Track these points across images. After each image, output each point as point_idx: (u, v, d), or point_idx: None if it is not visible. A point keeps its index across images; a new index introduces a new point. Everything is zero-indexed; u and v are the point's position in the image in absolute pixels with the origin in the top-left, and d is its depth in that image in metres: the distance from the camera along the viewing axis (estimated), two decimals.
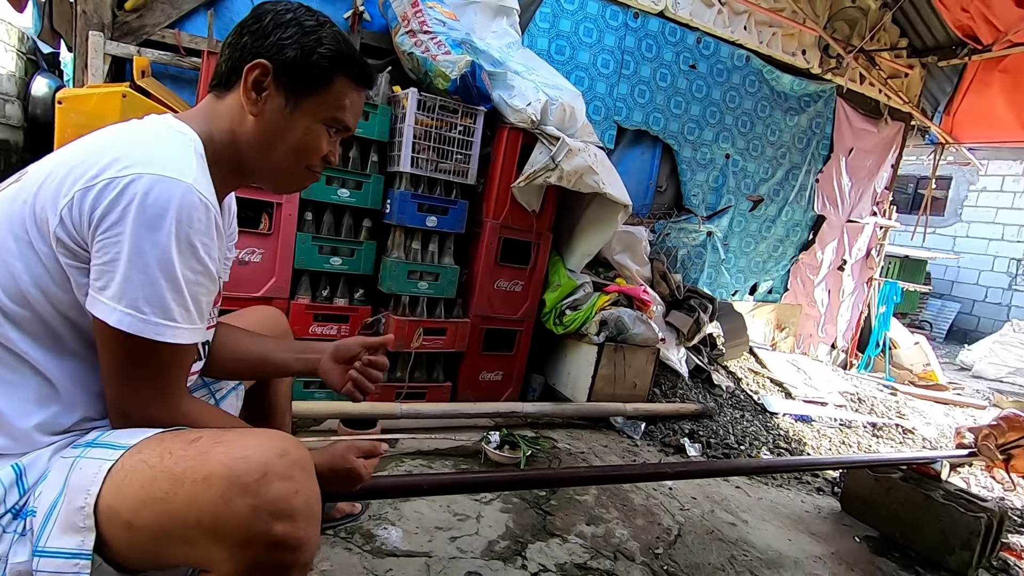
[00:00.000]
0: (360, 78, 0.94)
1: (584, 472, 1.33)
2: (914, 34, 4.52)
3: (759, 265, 4.45)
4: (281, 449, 0.72)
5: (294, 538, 0.69)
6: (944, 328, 9.00)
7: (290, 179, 0.98)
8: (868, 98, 4.55)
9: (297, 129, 0.91)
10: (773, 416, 3.33)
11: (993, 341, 6.53)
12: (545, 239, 2.80)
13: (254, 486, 0.68)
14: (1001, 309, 8.80)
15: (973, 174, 9.16)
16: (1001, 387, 5.66)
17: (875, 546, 2.12)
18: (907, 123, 4.85)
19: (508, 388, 2.87)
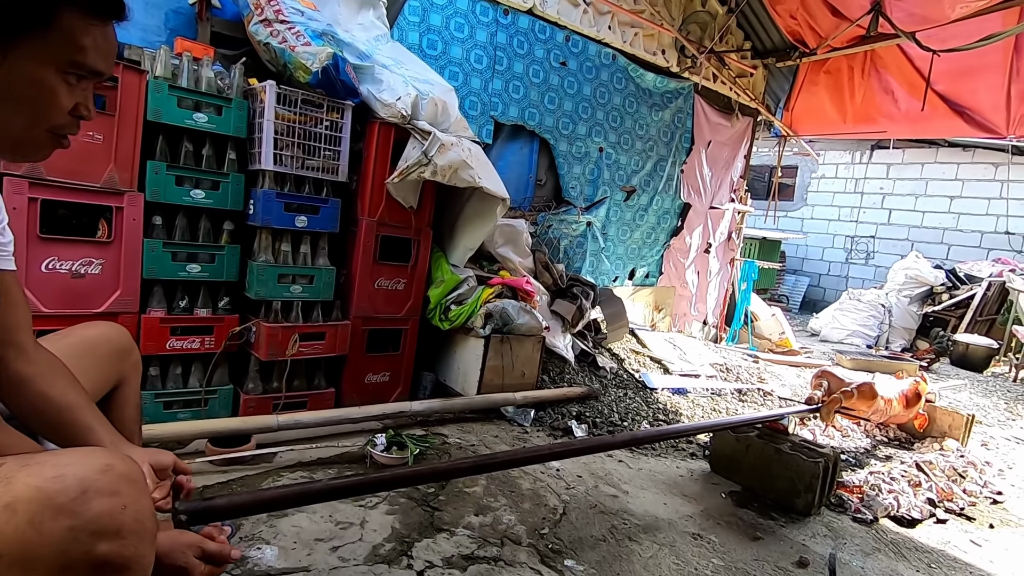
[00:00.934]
0: (97, 5, 0.77)
1: (462, 463, 1.34)
2: (756, 38, 5.03)
3: (635, 252, 4.74)
4: (103, 464, 0.66)
5: (121, 556, 0.64)
6: (798, 300, 10.16)
7: (29, 146, 0.81)
8: (721, 95, 5.00)
9: (19, 82, 0.75)
10: (653, 391, 3.57)
11: (835, 309, 7.48)
12: (425, 235, 2.78)
13: (70, 505, 0.62)
14: (841, 280, 10.09)
15: (813, 163, 10.40)
16: (842, 348, 6.50)
17: (738, 499, 2.34)
18: (755, 118, 5.40)
19: (397, 388, 2.82)
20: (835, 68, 4.92)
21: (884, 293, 7.32)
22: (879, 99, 4.83)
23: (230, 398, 2.35)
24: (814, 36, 4.55)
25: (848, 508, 2.36)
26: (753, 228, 8.54)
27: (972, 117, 4.58)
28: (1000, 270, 7.05)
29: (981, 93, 4.41)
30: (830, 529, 2.18)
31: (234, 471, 1.98)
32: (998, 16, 3.57)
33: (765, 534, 2.07)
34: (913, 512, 2.38)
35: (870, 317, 7.06)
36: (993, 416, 4.31)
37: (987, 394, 5.03)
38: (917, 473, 2.73)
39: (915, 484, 2.62)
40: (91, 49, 0.78)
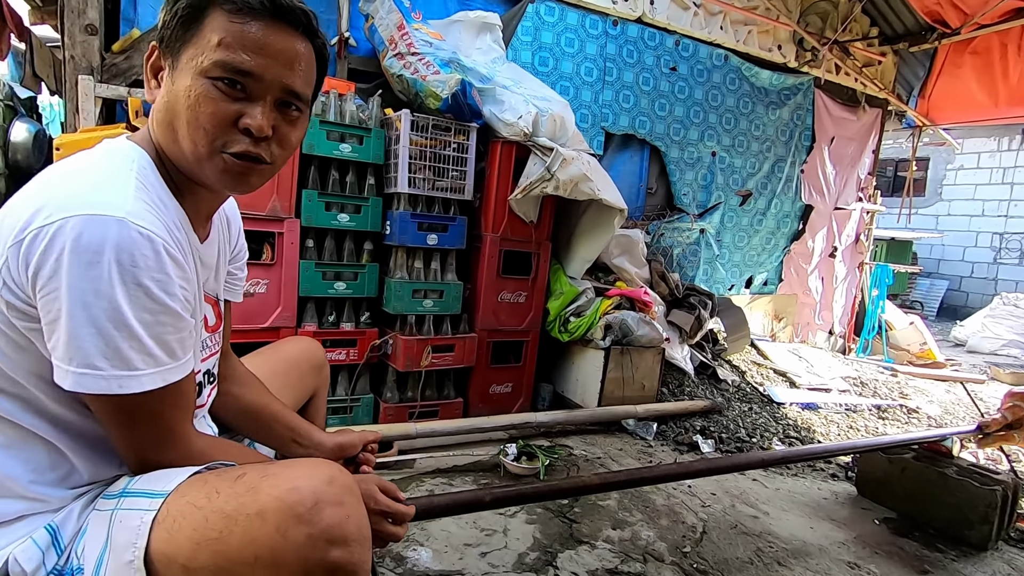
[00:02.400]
0: (242, 2, 0.72)
1: (612, 477, 1.34)
2: (884, 22, 4.63)
3: (753, 258, 4.51)
4: (328, 476, 0.71)
5: (350, 563, 0.69)
6: (935, 306, 9.13)
7: (213, 169, 0.76)
8: (845, 87, 4.65)
9: (179, 97, 0.73)
10: (780, 406, 3.36)
11: (984, 315, 6.64)
12: (545, 249, 2.83)
13: (307, 515, 0.67)
14: (988, 283, 8.95)
15: (950, 153, 9.34)
16: (996, 360, 5.75)
17: (895, 527, 2.14)
18: (884, 109, 4.96)
19: (519, 399, 2.88)
20: (983, 47, 4.40)
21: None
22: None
23: (371, 406, 2.52)
24: (957, 14, 4.11)
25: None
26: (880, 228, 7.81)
27: None
28: None
29: None
30: (1014, 568, 1.93)
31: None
32: None
33: (935, 568, 1.88)
34: None
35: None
36: None
37: None
38: None
39: None
40: (230, 46, 0.72)
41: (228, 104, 0.73)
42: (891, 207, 6.34)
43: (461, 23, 2.81)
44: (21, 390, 0.73)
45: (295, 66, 0.76)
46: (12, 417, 0.73)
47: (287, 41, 0.75)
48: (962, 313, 8.29)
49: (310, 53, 0.79)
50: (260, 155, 0.77)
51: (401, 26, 2.57)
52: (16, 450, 0.74)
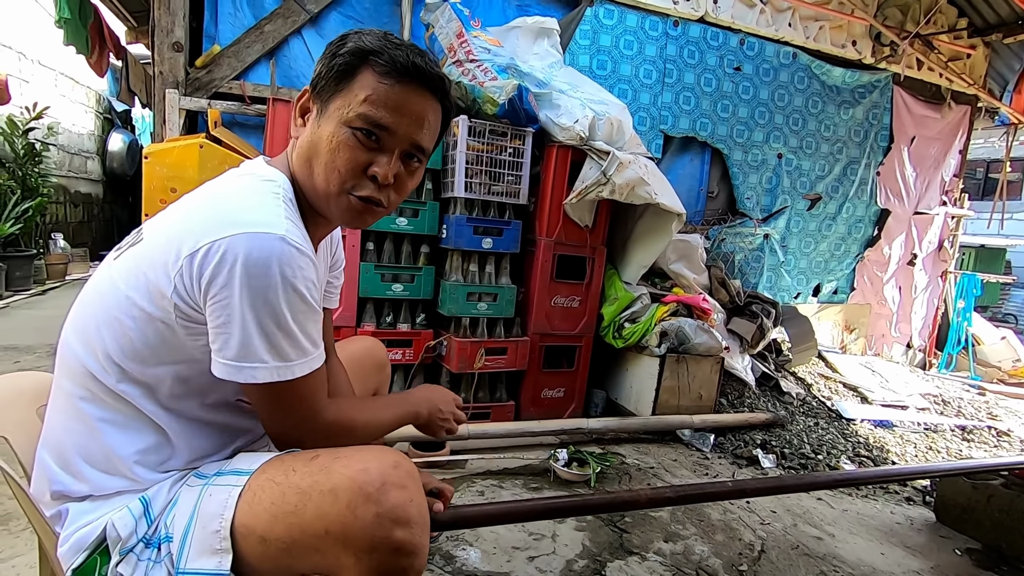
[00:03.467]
0: (391, 66, 0.80)
1: (660, 494, 1.30)
2: (974, 12, 4.30)
3: (821, 265, 4.28)
4: (394, 461, 0.76)
5: (411, 544, 0.73)
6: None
7: (338, 206, 0.85)
8: (928, 83, 4.35)
9: (323, 139, 0.82)
10: (850, 423, 3.17)
11: None
12: (599, 253, 2.80)
13: (376, 495, 0.72)
14: None
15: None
16: None
17: (979, 559, 1.98)
18: (973, 105, 4.59)
19: (571, 404, 2.86)
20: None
21: None
22: None
23: None
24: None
25: None
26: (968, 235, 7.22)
27: None
28: None
29: None
30: None
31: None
32: None
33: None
34: None
35: None
36: None
37: None
38: None
39: None
40: (375, 103, 0.80)
41: (362, 152, 0.83)
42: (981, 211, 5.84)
43: (519, 29, 2.83)
44: (151, 378, 0.81)
45: (424, 124, 0.86)
46: (135, 401, 0.81)
47: (422, 103, 0.84)
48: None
49: (438, 113, 0.88)
50: (380, 200, 0.86)
51: (460, 34, 2.62)
52: (131, 432, 0.83)
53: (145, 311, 0.78)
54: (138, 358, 0.80)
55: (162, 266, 0.76)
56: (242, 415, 0.93)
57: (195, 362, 0.81)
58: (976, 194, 8.72)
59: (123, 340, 0.79)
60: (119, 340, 0.79)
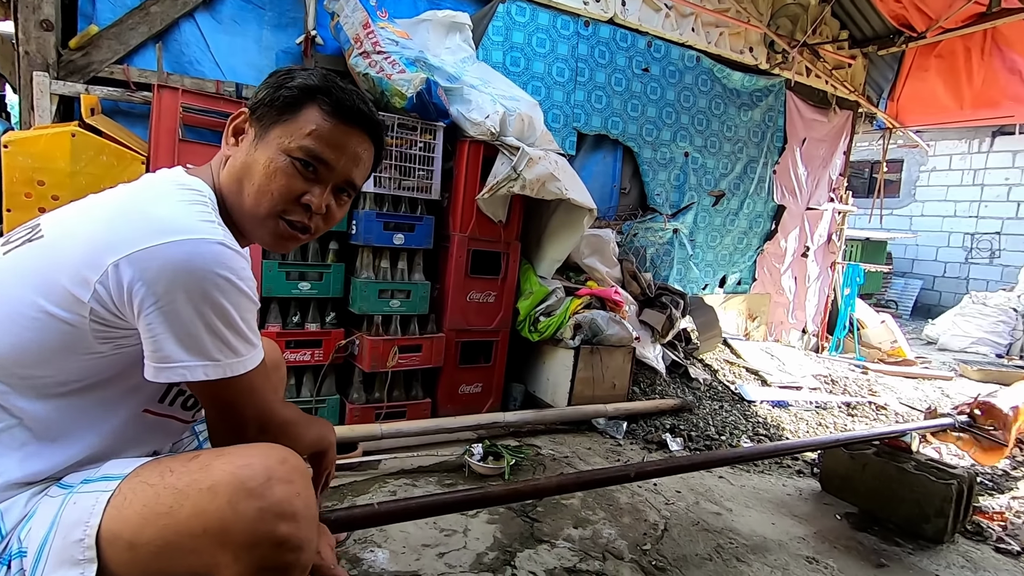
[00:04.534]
0: (337, 107, 0.87)
1: (568, 480, 1.34)
2: (853, 26, 4.70)
3: (726, 258, 4.55)
4: (281, 457, 0.76)
5: (297, 538, 0.73)
6: (909, 305, 9.30)
7: (264, 228, 0.89)
8: (816, 89, 4.72)
9: (259, 163, 0.86)
10: (751, 404, 3.39)
11: (955, 314, 6.78)
12: (514, 248, 2.83)
13: (259, 489, 0.71)
14: (960, 283, 9.13)
15: (923, 155, 9.52)
16: (965, 357, 5.87)
17: (855, 522, 2.17)
18: (855, 111, 5.04)
19: (488, 399, 2.87)
20: (948, 51, 4.50)
21: (1016, 296, 6.54)
22: (1003, 80, 4.35)
23: (337, 407, 2.50)
24: (922, 18, 4.19)
25: (988, 537, 2.12)
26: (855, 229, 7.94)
27: None
28: None
29: None
30: (968, 560, 1.97)
31: (344, 476, 2.10)
32: None
33: (891, 561, 1.91)
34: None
35: (999, 323, 6.32)
36: None
37: None
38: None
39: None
40: (321, 139, 0.87)
41: (298, 181, 0.88)
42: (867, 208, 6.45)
43: (429, 22, 2.80)
44: (47, 383, 0.79)
45: (360, 163, 0.94)
46: (14, 403, 0.78)
47: (360, 144, 0.92)
48: (935, 312, 8.45)
49: (371, 154, 0.97)
50: (309, 226, 0.91)
51: (367, 24, 2.55)
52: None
53: (49, 312, 0.76)
54: (26, 358, 0.76)
55: (78, 271, 0.75)
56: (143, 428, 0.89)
57: (97, 365, 0.80)
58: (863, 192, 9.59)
59: (12, 338, 0.76)
60: (6, 338, 0.77)
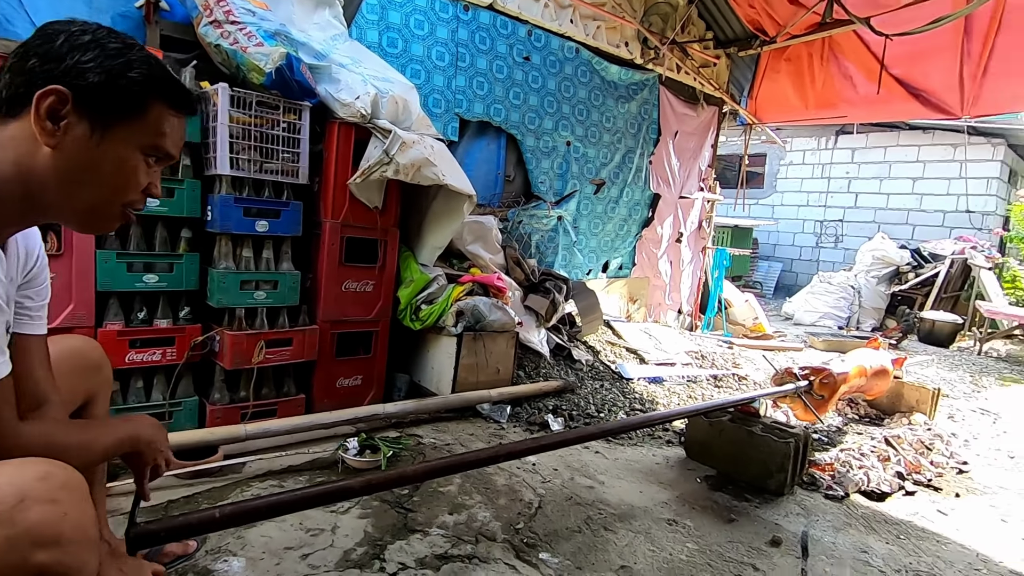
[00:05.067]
0: (179, 102, 0.90)
1: (435, 465, 1.32)
2: (717, 27, 5.08)
3: (608, 244, 4.76)
4: (42, 472, 0.67)
5: (62, 565, 0.65)
6: (772, 286, 10.33)
7: (102, 218, 0.89)
8: (685, 85, 5.05)
9: (108, 161, 0.83)
10: (629, 382, 3.59)
11: (807, 292, 7.62)
12: (392, 235, 2.75)
13: (8, 514, 0.62)
14: (812, 264, 10.28)
15: (782, 150, 10.57)
16: (814, 330, 6.62)
17: (713, 483, 2.37)
18: (720, 107, 5.46)
19: (370, 391, 2.79)
20: (795, 55, 5.00)
21: (853, 275, 7.48)
22: (839, 84, 4.91)
23: (196, 410, 2.29)
24: (773, 24, 4.61)
25: (820, 486, 2.40)
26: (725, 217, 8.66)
27: (928, 99, 4.69)
28: (962, 247, 7.25)
29: (935, 75, 4.52)
30: (803, 507, 2.22)
31: (201, 484, 1.93)
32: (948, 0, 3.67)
33: (739, 516, 2.10)
34: (883, 486, 2.43)
35: (841, 299, 7.20)
36: (959, 389, 4.43)
37: (953, 368, 5.18)
38: (886, 448, 2.79)
39: (884, 459, 2.67)
40: (169, 136, 0.89)
41: (146, 174, 0.89)
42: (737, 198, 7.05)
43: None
44: None
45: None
46: None
47: (185, 127, 0.96)
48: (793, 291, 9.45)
49: None
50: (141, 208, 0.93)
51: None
52: None
53: None
54: None
55: None
56: None
57: None
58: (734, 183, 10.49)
59: None
60: None
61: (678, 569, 1.71)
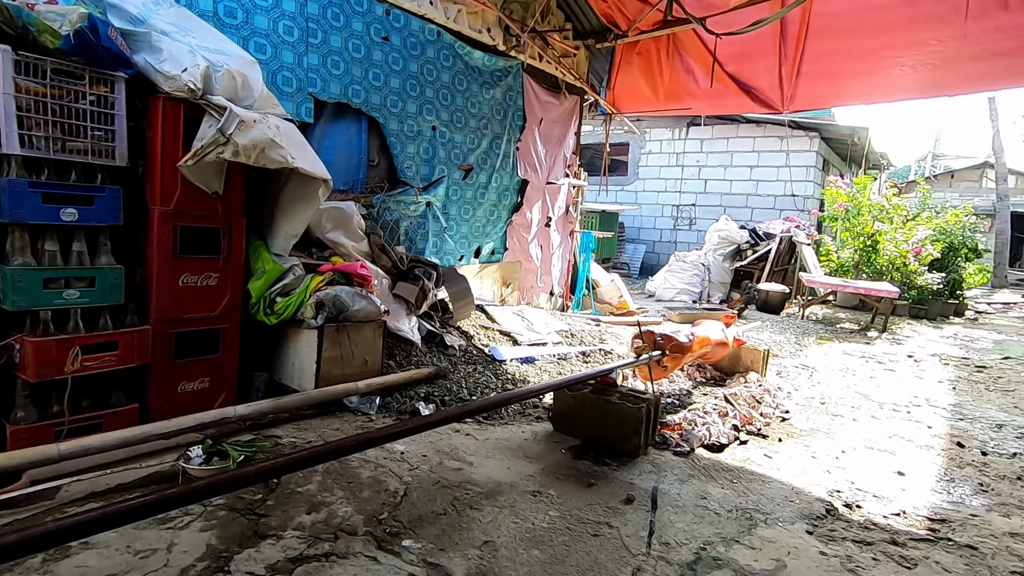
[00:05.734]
0: None
1: (277, 463, 1.23)
2: (576, 19, 5.28)
3: (479, 230, 4.80)
4: None
5: None
6: (638, 266, 11.12)
7: None
8: (548, 74, 5.20)
9: None
10: (502, 364, 3.66)
11: (665, 271, 8.30)
12: (237, 223, 2.52)
13: None
14: (671, 246, 11.21)
15: (642, 140, 11.36)
16: (672, 305, 7.24)
17: (576, 452, 2.49)
18: (582, 97, 5.71)
19: (221, 394, 2.56)
20: (645, 50, 5.36)
21: (703, 253, 8.27)
22: (683, 79, 5.35)
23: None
24: (624, 19, 4.90)
25: (670, 444, 2.63)
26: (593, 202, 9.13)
27: (756, 95, 5.28)
28: (788, 227, 8.32)
29: (761, 74, 5.09)
30: (654, 465, 2.41)
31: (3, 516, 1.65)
32: (768, 5, 4.13)
33: (598, 479, 2.23)
34: (721, 439, 2.72)
35: (694, 276, 7.94)
36: (786, 349, 5.10)
37: (782, 331, 5.94)
38: (725, 405, 3.13)
39: (723, 414, 2.99)
40: None
41: None
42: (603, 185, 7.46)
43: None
44: None
45: None
46: None
47: None
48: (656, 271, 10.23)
49: None
50: None
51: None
52: None
53: None
54: None
55: None
56: None
57: None
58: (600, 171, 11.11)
59: None
60: None
61: (540, 536, 1.78)
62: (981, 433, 3.12)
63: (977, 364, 4.99)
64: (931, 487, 2.39)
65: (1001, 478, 2.51)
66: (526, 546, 1.72)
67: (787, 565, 1.72)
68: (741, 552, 1.78)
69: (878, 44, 4.35)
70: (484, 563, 1.62)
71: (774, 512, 2.06)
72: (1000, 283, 13.49)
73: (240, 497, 1.81)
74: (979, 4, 3.74)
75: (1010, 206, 14.40)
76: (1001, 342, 6.31)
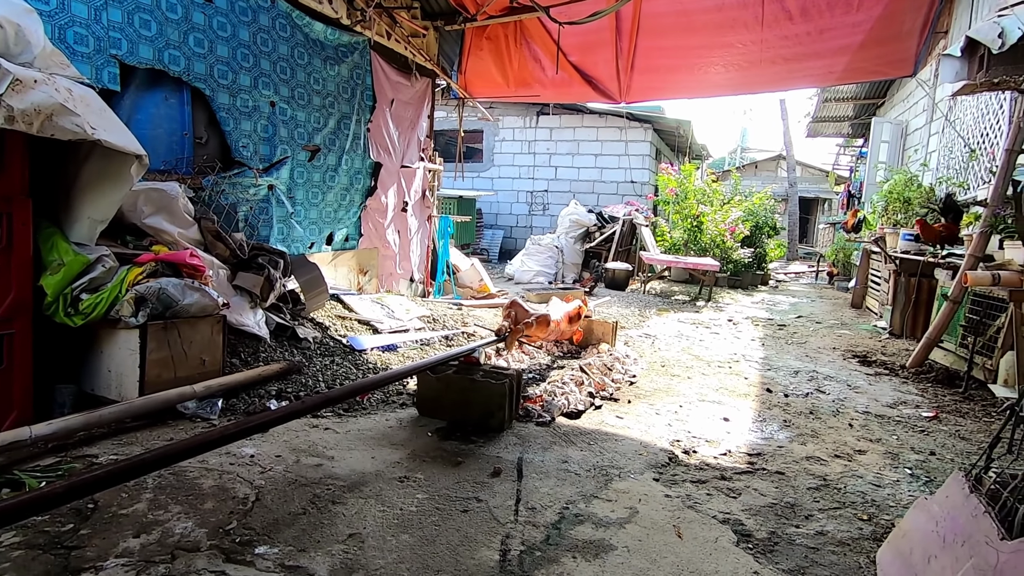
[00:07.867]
0: None
1: (72, 484, 1.02)
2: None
3: (331, 215, 4.53)
4: None
5: None
6: (496, 251, 11.38)
7: None
8: (398, 54, 5.04)
9: None
10: (362, 353, 3.51)
11: (523, 254, 8.60)
12: (20, 206, 2.08)
13: None
14: (527, 230, 11.64)
15: (495, 127, 11.56)
16: (530, 286, 7.53)
17: (443, 433, 2.48)
18: (433, 79, 5.62)
19: (11, 413, 2.11)
20: (495, 35, 5.43)
21: (556, 236, 8.71)
22: (531, 66, 5.53)
23: None
24: (472, 2, 4.90)
25: (532, 416, 2.73)
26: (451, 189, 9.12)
27: (597, 85, 5.63)
28: (629, 210, 9.07)
29: (600, 65, 5.44)
30: (519, 437, 2.49)
31: None
32: None
33: (466, 457, 2.24)
34: (579, 406, 2.89)
35: (548, 258, 8.32)
36: (631, 320, 5.57)
37: (628, 305, 6.48)
38: (581, 374, 3.33)
39: (580, 383, 3.18)
40: None
41: None
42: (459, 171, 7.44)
43: None
44: None
45: None
46: None
47: None
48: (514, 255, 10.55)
49: None
50: None
51: None
52: None
53: None
54: None
55: None
56: None
57: None
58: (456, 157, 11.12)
59: None
60: None
61: (408, 520, 1.74)
62: (783, 379, 3.69)
63: (779, 323, 5.91)
64: (749, 428, 2.77)
65: (799, 414, 3.00)
66: (395, 532, 1.67)
67: (639, 511, 1.88)
68: (600, 506, 1.91)
69: (695, 43, 4.88)
70: (350, 556, 1.54)
71: (626, 466, 2.25)
72: (793, 256, 16.08)
73: (42, 531, 1.52)
74: (772, 13, 4.36)
75: (798, 192, 17.19)
76: (795, 304, 7.53)
